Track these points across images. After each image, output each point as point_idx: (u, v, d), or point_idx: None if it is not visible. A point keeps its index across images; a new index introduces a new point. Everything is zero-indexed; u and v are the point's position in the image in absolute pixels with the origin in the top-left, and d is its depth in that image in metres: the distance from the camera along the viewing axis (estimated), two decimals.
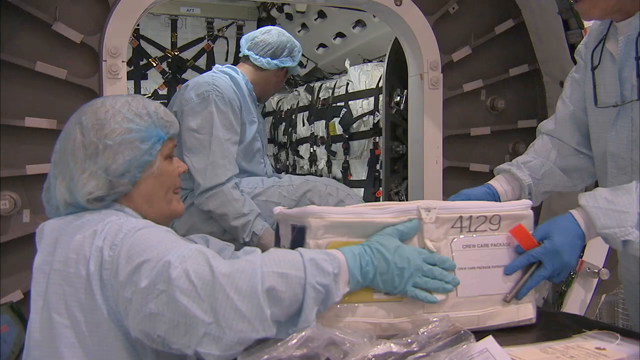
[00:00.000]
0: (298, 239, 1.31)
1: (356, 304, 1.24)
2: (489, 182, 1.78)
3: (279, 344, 1.07)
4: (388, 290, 1.22)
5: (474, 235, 1.35)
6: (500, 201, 1.67)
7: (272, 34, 2.64)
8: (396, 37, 3.30)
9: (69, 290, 1.18)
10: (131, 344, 1.19)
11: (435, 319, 1.22)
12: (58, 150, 1.33)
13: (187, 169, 2.18)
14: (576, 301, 2.74)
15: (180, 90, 2.52)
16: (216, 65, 2.69)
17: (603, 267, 2.69)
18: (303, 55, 5.40)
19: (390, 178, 3.71)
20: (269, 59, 2.61)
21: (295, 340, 1.08)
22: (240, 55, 2.69)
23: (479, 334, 1.13)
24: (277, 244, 1.43)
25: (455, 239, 1.34)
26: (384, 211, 1.31)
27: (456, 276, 1.29)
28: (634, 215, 1.32)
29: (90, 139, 1.27)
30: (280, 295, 1.07)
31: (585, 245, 1.45)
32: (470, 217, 1.35)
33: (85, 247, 1.18)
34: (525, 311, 1.38)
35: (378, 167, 4.09)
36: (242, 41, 2.67)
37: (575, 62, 1.86)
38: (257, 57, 2.61)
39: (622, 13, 1.56)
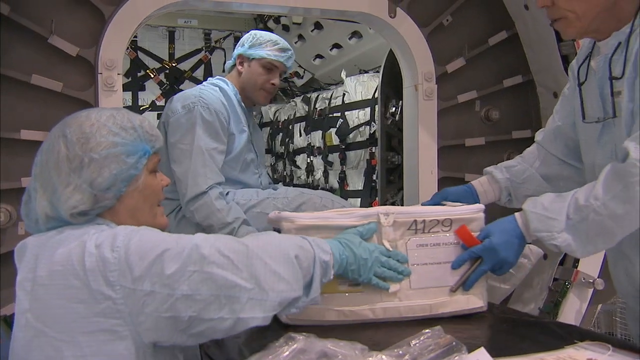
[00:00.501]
0: None
1: (324, 294, 1.42)
2: (472, 182, 1.93)
3: (270, 356, 1.07)
4: (354, 278, 1.44)
5: (428, 236, 1.59)
6: (479, 200, 1.86)
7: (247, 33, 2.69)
8: (391, 49, 3.32)
9: (58, 302, 1.18)
10: (133, 350, 1.18)
11: (427, 331, 1.24)
12: (39, 162, 1.31)
13: (172, 181, 2.21)
14: (571, 311, 2.74)
15: (169, 101, 2.55)
16: (209, 78, 2.71)
17: (598, 277, 2.69)
18: (300, 66, 5.46)
19: (386, 188, 3.72)
20: (243, 51, 2.63)
21: (287, 353, 1.09)
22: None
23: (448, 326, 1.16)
24: None
25: (410, 239, 1.57)
26: (348, 216, 1.55)
27: (410, 269, 1.54)
28: (562, 222, 1.47)
29: (75, 152, 1.26)
30: (302, 263, 1.25)
31: (525, 244, 1.59)
32: (424, 220, 1.59)
33: (74, 258, 1.18)
34: (475, 301, 1.61)
35: (374, 177, 4.09)
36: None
37: (567, 73, 1.94)
38: (233, 57, 2.67)
39: (600, 33, 1.62)
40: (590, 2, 1.54)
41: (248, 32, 2.69)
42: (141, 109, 5.18)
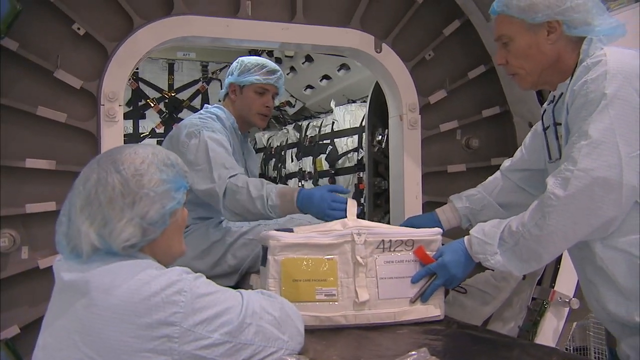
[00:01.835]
0: (264, 254, 1.77)
1: (305, 303, 1.66)
2: (436, 209, 2.13)
3: None
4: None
5: (393, 254, 1.78)
6: (442, 226, 2.06)
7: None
8: (377, 81, 3.35)
9: (113, 334, 1.18)
10: None
11: (413, 353, 1.27)
12: (85, 195, 1.27)
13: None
14: (549, 329, 2.72)
15: (174, 132, 2.51)
16: (205, 106, 2.70)
17: (573, 297, 2.69)
18: (291, 95, 5.49)
19: (373, 212, 3.71)
20: (234, 80, 2.62)
21: None
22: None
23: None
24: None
25: (378, 257, 1.76)
26: (327, 236, 1.73)
27: (378, 282, 1.74)
28: (494, 246, 1.64)
29: (130, 188, 1.26)
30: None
31: (473, 263, 1.76)
32: (390, 240, 1.78)
33: (135, 296, 1.19)
34: (433, 310, 1.80)
35: (362, 200, 4.09)
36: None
37: (541, 104, 2.13)
38: (226, 86, 2.66)
39: (550, 84, 1.76)
40: (536, 61, 1.68)
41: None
42: (141, 136, 5.18)
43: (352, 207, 1.90)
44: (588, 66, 1.55)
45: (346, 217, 1.86)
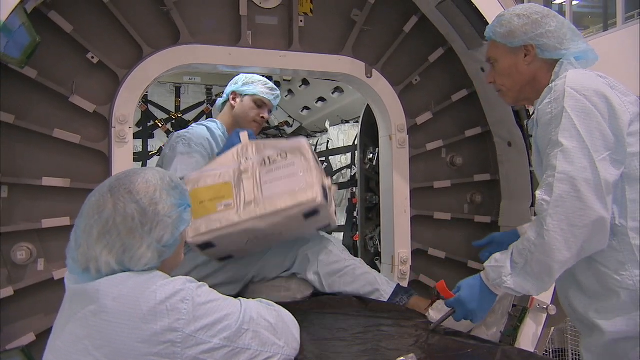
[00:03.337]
0: None
1: (207, 215, 2.05)
2: (517, 227, 2.04)
3: None
4: None
5: (272, 165, 2.12)
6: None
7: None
8: (368, 103, 3.38)
9: (122, 339, 1.20)
10: None
11: (401, 359, 1.27)
12: (103, 224, 1.26)
13: None
14: (529, 334, 2.72)
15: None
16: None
17: (551, 304, 2.69)
18: (289, 116, 5.52)
19: (365, 225, 3.72)
20: (220, 99, 2.78)
21: None
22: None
23: None
24: None
25: (261, 169, 2.13)
26: (219, 170, 2.15)
27: (261, 186, 2.10)
28: (507, 268, 1.63)
29: (148, 217, 1.27)
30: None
31: (493, 296, 1.72)
32: (268, 157, 2.13)
33: (142, 304, 1.21)
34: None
35: (355, 214, 4.10)
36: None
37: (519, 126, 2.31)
38: (227, 93, 2.77)
39: (529, 100, 1.83)
40: (515, 79, 1.78)
41: None
42: (150, 154, 5.18)
43: (243, 137, 2.28)
44: (551, 87, 1.62)
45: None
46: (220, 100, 2.82)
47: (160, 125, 5.27)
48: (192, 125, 2.71)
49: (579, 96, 1.54)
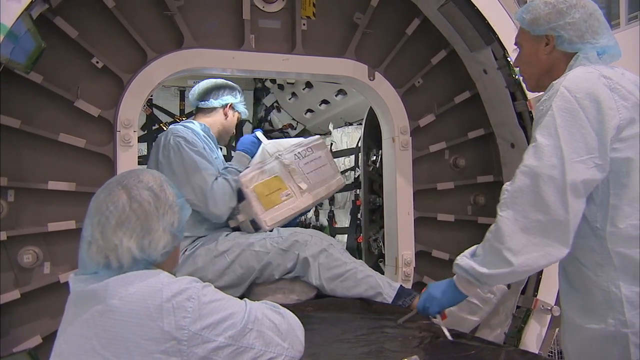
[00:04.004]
0: (240, 195, 2.55)
1: (277, 205, 2.55)
2: None
3: None
4: None
5: (306, 157, 2.65)
6: None
7: (207, 81, 2.88)
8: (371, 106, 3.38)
9: (129, 337, 1.21)
10: None
11: None
12: (119, 214, 1.29)
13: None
14: (533, 335, 2.72)
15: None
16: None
17: (555, 305, 2.69)
18: (293, 119, 5.52)
19: (369, 227, 3.72)
20: (212, 100, 2.82)
21: None
22: (193, 109, 2.93)
23: None
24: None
25: (299, 162, 2.64)
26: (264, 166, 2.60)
27: (307, 176, 2.66)
28: (467, 252, 1.69)
29: (160, 201, 1.33)
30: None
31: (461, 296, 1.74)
32: (299, 151, 2.64)
33: (149, 302, 1.23)
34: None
35: (359, 216, 4.09)
36: (190, 97, 2.88)
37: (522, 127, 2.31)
38: (203, 101, 2.82)
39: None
40: (534, 67, 1.78)
41: (248, 90, 2.83)
42: None
43: (260, 136, 2.72)
44: (553, 85, 1.62)
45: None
46: (208, 104, 2.84)
47: (165, 129, 5.28)
48: (178, 127, 2.72)
49: (570, 97, 1.54)
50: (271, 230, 2.54)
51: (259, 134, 2.73)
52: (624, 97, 1.56)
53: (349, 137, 4.46)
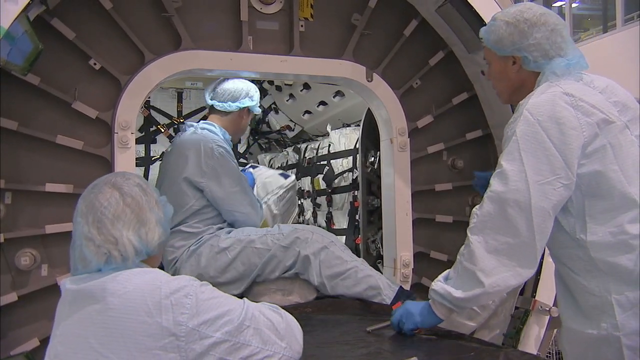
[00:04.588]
0: None
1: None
2: None
3: None
4: None
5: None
6: None
7: (228, 82, 2.80)
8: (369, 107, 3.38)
9: (128, 333, 1.22)
10: None
11: None
12: (114, 209, 1.32)
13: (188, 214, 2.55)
14: (531, 336, 2.72)
15: (179, 148, 2.62)
16: (187, 122, 2.81)
17: (553, 306, 2.69)
18: (291, 120, 5.52)
19: (367, 228, 3.72)
20: (230, 103, 2.75)
21: None
22: (207, 106, 2.84)
23: None
24: None
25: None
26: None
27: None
28: (441, 276, 1.73)
29: (149, 195, 1.38)
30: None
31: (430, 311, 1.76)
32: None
33: (148, 299, 1.24)
34: None
35: (357, 217, 4.09)
36: (205, 94, 2.80)
37: None
38: (220, 103, 2.74)
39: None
40: (504, 84, 1.82)
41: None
42: (152, 159, 5.18)
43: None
44: (519, 106, 1.65)
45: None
46: (226, 107, 2.75)
47: (163, 131, 5.26)
48: (196, 130, 2.67)
49: (533, 120, 1.57)
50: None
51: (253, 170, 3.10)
52: (588, 113, 1.58)
53: (347, 138, 4.46)
